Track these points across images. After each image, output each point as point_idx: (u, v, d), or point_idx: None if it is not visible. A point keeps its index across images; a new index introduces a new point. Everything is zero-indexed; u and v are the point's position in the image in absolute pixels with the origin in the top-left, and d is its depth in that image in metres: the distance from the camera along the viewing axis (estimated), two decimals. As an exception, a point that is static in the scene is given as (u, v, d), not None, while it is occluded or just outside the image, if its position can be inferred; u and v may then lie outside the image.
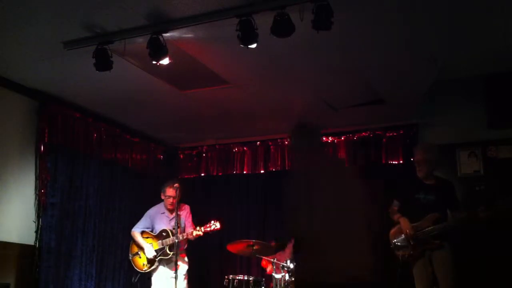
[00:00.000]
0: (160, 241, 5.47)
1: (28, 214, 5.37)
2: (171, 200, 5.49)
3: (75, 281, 5.66)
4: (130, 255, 5.65)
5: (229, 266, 6.46)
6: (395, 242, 4.67)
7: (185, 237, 5.35)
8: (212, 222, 5.36)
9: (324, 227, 2.97)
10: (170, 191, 5.49)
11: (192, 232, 5.33)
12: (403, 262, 4.63)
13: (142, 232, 5.61)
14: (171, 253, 5.30)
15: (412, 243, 4.54)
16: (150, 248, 5.45)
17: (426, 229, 4.52)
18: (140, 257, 5.55)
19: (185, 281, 5.54)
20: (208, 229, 5.35)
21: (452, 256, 4.49)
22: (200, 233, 5.34)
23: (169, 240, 5.37)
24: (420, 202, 4.64)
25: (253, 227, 6.69)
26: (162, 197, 5.59)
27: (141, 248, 5.53)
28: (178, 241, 5.23)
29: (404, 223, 4.64)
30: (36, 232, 5.38)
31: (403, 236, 4.62)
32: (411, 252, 4.57)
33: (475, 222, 4.43)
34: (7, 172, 5.23)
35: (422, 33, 4.24)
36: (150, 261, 5.46)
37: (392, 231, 4.76)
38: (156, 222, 5.62)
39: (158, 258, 5.43)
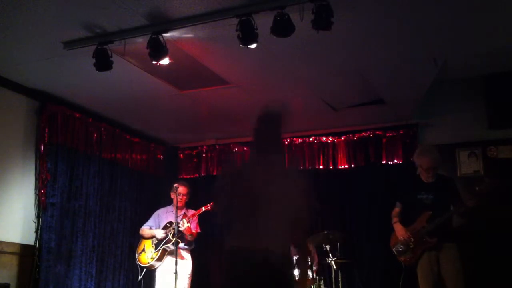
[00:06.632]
0: (164, 230, 5.60)
1: (28, 214, 5.37)
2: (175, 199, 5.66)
3: (75, 281, 5.65)
4: (136, 254, 5.71)
5: (229, 266, 6.45)
6: (396, 249, 4.66)
7: (186, 221, 5.44)
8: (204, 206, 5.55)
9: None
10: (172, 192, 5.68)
11: (186, 221, 5.47)
12: (406, 267, 4.63)
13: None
14: (174, 239, 5.38)
15: (411, 247, 4.54)
16: (159, 230, 5.60)
17: (420, 229, 4.52)
18: (145, 252, 5.62)
19: (188, 281, 5.56)
20: (201, 211, 5.54)
21: (460, 256, 4.44)
22: (192, 228, 5.54)
23: (172, 228, 5.46)
24: (422, 203, 4.60)
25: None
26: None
27: (150, 238, 5.63)
28: (179, 228, 5.35)
29: (398, 229, 4.68)
30: (36, 232, 5.37)
31: (401, 242, 4.61)
32: (412, 255, 4.56)
33: (464, 211, 4.41)
34: (7, 172, 5.23)
35: (422, 33, 4.24)
36: (154, 255, 5.51)
37: (392, 238, 4.76)
38: (163, 220, 5.72)
39: (162, 247, 5.47)
